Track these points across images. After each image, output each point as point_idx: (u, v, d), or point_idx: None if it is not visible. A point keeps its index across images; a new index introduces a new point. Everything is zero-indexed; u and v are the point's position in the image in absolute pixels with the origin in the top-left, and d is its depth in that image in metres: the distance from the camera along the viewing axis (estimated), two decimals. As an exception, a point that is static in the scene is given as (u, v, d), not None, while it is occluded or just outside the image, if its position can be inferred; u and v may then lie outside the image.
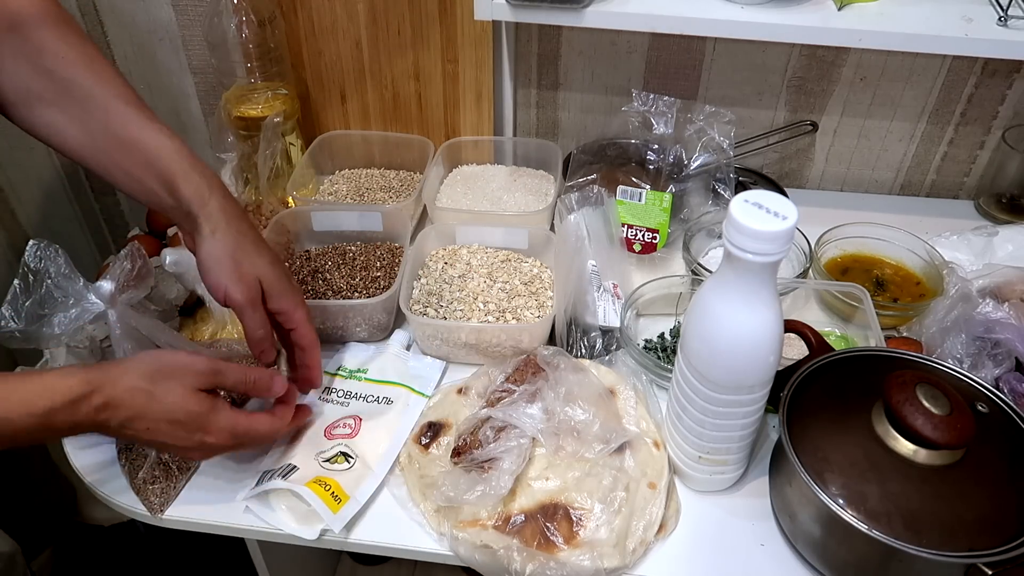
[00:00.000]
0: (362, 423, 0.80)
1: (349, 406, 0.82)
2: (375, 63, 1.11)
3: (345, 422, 0.80)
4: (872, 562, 0.64)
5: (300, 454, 0.76)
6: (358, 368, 0.87)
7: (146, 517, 0.75)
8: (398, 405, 0.83)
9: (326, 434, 0.79)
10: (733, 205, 0.58)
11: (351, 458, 0.76)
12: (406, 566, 1.41)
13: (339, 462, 0.76)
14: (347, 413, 0.81)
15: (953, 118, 1.11)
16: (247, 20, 1.02)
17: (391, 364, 0.87)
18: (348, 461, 0.76)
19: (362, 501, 0.74)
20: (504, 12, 0.92)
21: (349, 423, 0.80)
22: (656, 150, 1.03)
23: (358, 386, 0.85)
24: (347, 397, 0.83)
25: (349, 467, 0.75)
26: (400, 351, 0.89)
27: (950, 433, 0.63)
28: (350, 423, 0.80)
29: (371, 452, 0.78)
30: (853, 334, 0.91)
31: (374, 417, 0.81)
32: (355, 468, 0.75)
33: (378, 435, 0.79)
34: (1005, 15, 0.87)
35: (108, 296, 0.71)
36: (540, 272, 0.95)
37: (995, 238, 1.00)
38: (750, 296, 0.61)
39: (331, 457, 0.76)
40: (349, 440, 0.78)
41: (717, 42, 1.08)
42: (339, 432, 0.79)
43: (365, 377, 0.86)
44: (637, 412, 0.78)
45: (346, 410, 0.82)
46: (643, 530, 0.70)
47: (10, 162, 1.28)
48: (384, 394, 0.84)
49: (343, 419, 0.80)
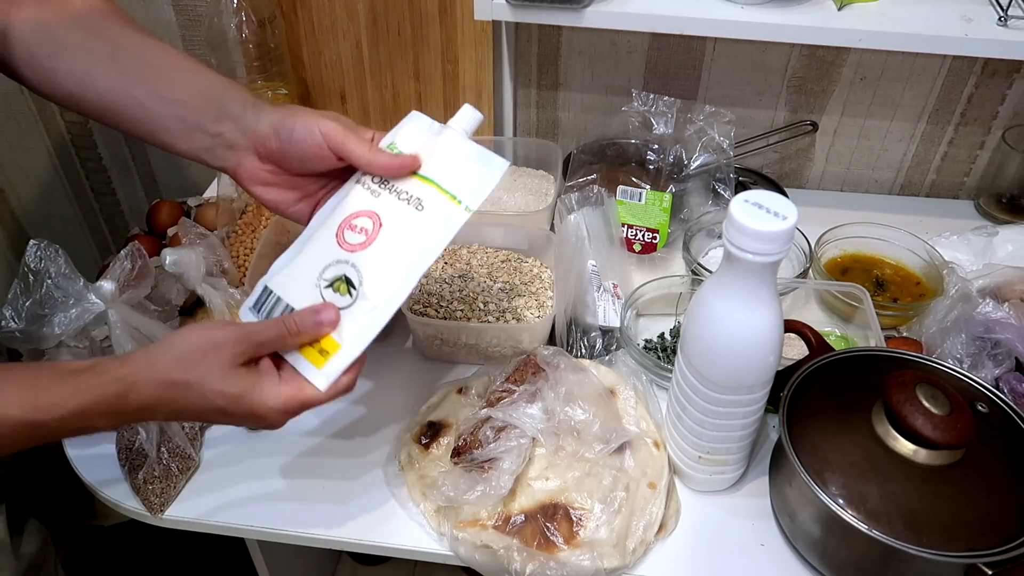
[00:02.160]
0: (381, 230, 0.64)
1: (379, 198, 0.65)
2: (375, 63, 1.11)
3: (363, 223, 0.64)
4: (872, 562, 0.64)
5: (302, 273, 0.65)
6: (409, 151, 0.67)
7: (146, 517, 0.75)
8: (429, 215, 0.64)
9: (338, 235, 0.65)
10: (733, 205, 0.58)
11: (353, 288, 0.63)
12: (406, 566, 1.41)
13: (339, 291, 0.63)
14: (371, 207, 0.65)
15: (953, 118, 1.11)
16: (247, 20, 1.02)
17: (447, 159, 0.66)
18: (350, 293, 0.63)
19: (355, 352, 0.62)
20: (504, 12, 0.92)
21: (366, 227, 0.64)
22: (656, 150, 1.03)
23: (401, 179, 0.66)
24: (381, 186, 0.66)
25: (351, 302, 0.63)
26: (460, 136, 0.66)
27: (950, 433, 0.63)
28: (367, 227, 0.64)
29: (381, 277, 0.63)
30: (853, 334, 0.91)
31: (397, 225, 0.64)
32: (356, 305, 0.63)
33: (395, 254, 0.64)
34: (1005, 15, 0.87)
35: (108, 296, 0.71)
36: (540, 272, 0.95)
37: (995, 238, 1.00)
38: (750, 296, 0.61)
39: (332, 281, 0.64)
40: (359, 253, 0.64)
41: (717, 42, 1.08)
42: (351, 237, 0.64)
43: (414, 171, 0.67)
44: (637, 412, 0.78)
45: (374, 201, 0.65)
46: (643, 530, 0.70)
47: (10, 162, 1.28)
48: (422, 196, 0.65)
49: (364, 213, 0.65)
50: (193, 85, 0.66)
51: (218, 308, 0.87)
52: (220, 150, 0.67)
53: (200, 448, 0.80)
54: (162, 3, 1.15)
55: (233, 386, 0.58)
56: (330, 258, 0.64)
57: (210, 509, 0.75)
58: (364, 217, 0.65)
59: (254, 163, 0.67)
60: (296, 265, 0.66)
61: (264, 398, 0.60)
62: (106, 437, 0.79)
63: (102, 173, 1.36)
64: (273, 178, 0.68)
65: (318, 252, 0.65)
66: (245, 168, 0.67)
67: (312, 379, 0.62)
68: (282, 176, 0.68)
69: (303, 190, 0.69)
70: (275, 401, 0.60)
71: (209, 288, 0.86)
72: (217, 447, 0.80)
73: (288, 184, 0.68)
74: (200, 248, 0.87)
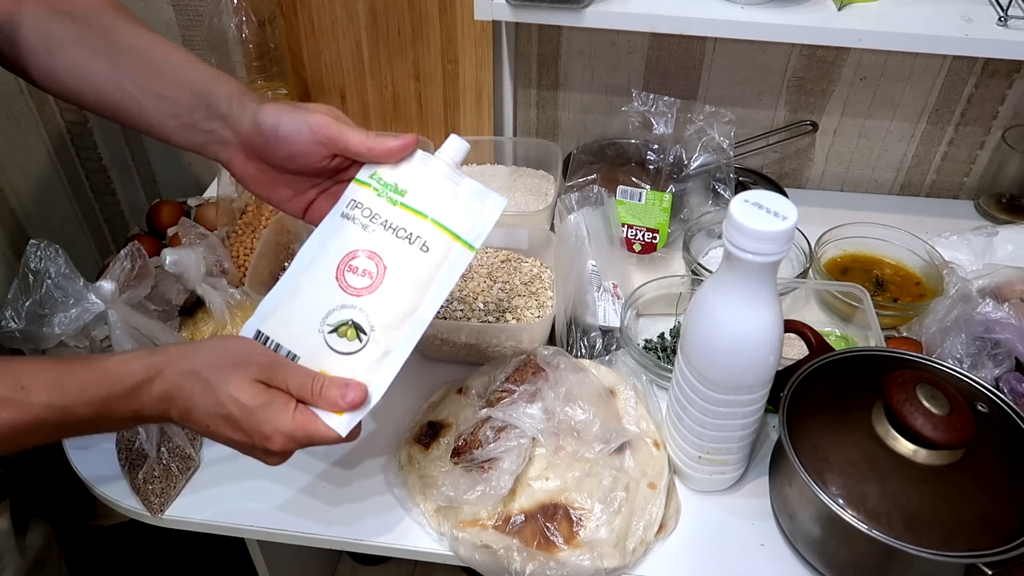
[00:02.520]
0: (387, 273, 0.61)
1: (373, 234, 0.62)
2: (375, 63, 1.11)
3: (365, 264, 0.61)
4: (872, 562, 0.64)
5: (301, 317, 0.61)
6: (395, 185, 0.63)
7: (146, 517, 0.75)
8: (436, 256, 0.62)
9: (339, 277, 0.61)
10: (733, 205, 0.58)
11: (363, 334, 0.60)
12: (406, 566, 1.41)
13: (347, 336, 0.60)
14: (368, 245, 0.62)
15: (953, 118, 1.11)
16: (247, 20, 1.02)
17: (437, 190, 0.63)
18: (359, 338, 0.60)
19: (374, 401, 0.60)
20: (504, 12, 0.92)
21: (369, 268, 0.61)
22: (656, 150, 1.03)
23: (390, 211, 0.63)
24: (372, 220, 0.62)
25: (360, 347, 0.60)
26: (452, 172, 0.64)
27: (950, 433, 0.63)
28: (370, 269, 0.61)
29: (392, 322, 0.61)
30: (853, 334, 0.91)
31: (403, 267, 0.61)
32: (367, 350, 0.60)
33: (404, 298, 0.61)
34: (1005, 15, 0.87)
35: (108, 296, 0.71)
36: (540, 272, 0.95)
37: (995, 238, 1.00)
38: (750, 296, 0.61)
39: (337, 326, 0.61)
40: (365, 298, 0.61)
41: (717, 42, 1.08)
42: (355, 280, 0.61)
43: (402, 202, 0.63)
44: (637, 412, 0.78)
45: (368, 238, 0.62)
46: (643, 530, 0.70)
47: (10, 162, 1.28)
48: (421, 233, 0.62)
49: (362, 253, 0.62)
50: (182, 81, 0.65)
51: (218, 308, 0.87)
52: (213, 146, 0.66)
53: (200, 448, 0.80)
54: (162, 3, 1.15)
55: (249, 398, 0.57)
56: (333, 303, 0.61)
57: (210, 509, 0.75)
58: (364, 258, 0.62)
59: (242, 159, 0.66)
60: (293, 309, 0.62)
61: (274, 418, 0.58)
62: (106, 437, 0.79)
63: (102, 173, 1.36)
64: (263, 176, 0.67)
65: (317, 295, 0.62)
66: (235, 165, 0.67)
67: (330, 423, 0.59)
68: (272, 173, 0.66)
69: (294, 188, 0.68)
70: (285, 425, 0.58)
71: (209, 288, 0.86)
72: (217, 447, 0.80)
73: (279, 181, 0.67)
74: (200, 248, 0.87)
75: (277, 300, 0.63)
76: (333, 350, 0.61)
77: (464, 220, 0.63)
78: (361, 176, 0.64)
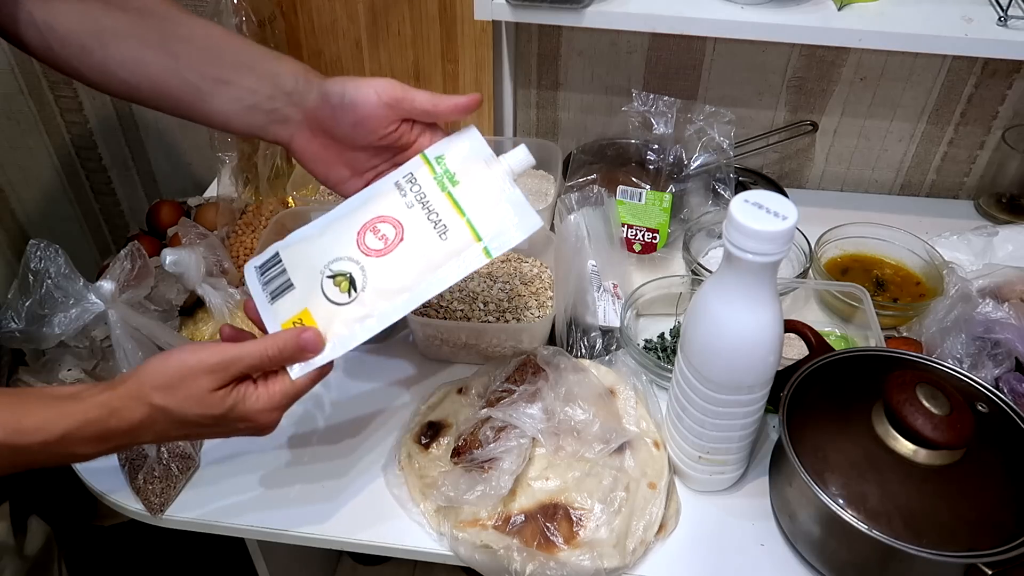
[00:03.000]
0: (400, 245, 0.63)
1: (411, 210, 0.64)
2: (375, 63, 1.10)
3: (387, 230, 0.64)
4: (872, 562, 0.64)
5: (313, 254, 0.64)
6: (453, 174, 0.65)
7: (146, 517, 0.75)
8: (452, 246, 0.63)
9: (360, 233, 0.64)
10: (733, 205, 0.58)
11: (354, 290, 0.62)
12: (406, 566, 1.41)
13: (340, 287, 0.63)
14: (399, 215, 0.64)
15: (953, 118, 1.11)
16: (247, 20, 1.02)
17: (486, 194, 0.64)
18: (349, 292, 0.62)
19: (336, 353, 0.62)
20: (504, 12, 0.92)
21: (388, 235, 0.63)
22: (656, 150, 1.03)
23: (437, 196, 0.64)
24: (417, 198, 0.64)
25: (347, 301, 0.62)
26: (507, 180, 0.65)
27: (950, 433, 0.63)
28: (388, 235, 0.63)
29: (384, 290, 0.63)
30: (853, 334, 0.91)
31: (417, 245, 0.63)
32: (350, 307, 0.62)
33: (406, 273, 0.63)
34: (1005, 15, 0.87)
35: (108, 296, 0.71)
36: (540, 272, 0.95)
37: (995, 238, 1.00)
38: (750, 296, 0.61)
39: (336, 275, 0.63)
40: (372, 259, 0.63)
41: (717, 42, 1.08)
42: (371, 241, 0.63)
43: (450, 191, 0.65)
44: (637, 412, 0.78)
45: (404, 212, 0.64)
46: (643, 530, 0.70)
47: (10, 162, 1.28)
48: (449, 224, 0.63)
49: (390, 220, 0.64)
50: (245, 64, 0.65)
51: (218, 308, 0.87)
52: (274, 126, 0.67)
53: (200, 448, 0.80)
54: (162, 3, 1.15)
55: (214, 408, 0.58)
56: (343, 252, 0.64)
57: (210, 509, 0.75)
58: (389, 224, 0.64)
59: (307, 136, 0.67)
60: (311, 243, 0.66)
61: (247, 408, 0.59)
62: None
63: (102, 173, 1.36)
64: (325, 153, 0.68)
65: (335, 241, 0.65)
66: (297, 142, 0.67)
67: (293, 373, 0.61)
68: (334, 150, 0.67)
69: (354, 167, 0.68)
70: (258, 404, 0.60)
71: (209, 288, 0.86)
72: (217, 447, 0.80)
73: (340, 159, 0.68)
74: (200, 248, 0.87)
75: (305, 233, 0.67)
76: (323, 293, 0.63)
77: (492, 226, 0.63)
78: (429, 153, 0.66)
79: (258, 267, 0.67)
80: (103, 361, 0.84)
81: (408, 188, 0.65)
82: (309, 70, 0.66)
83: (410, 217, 0.64)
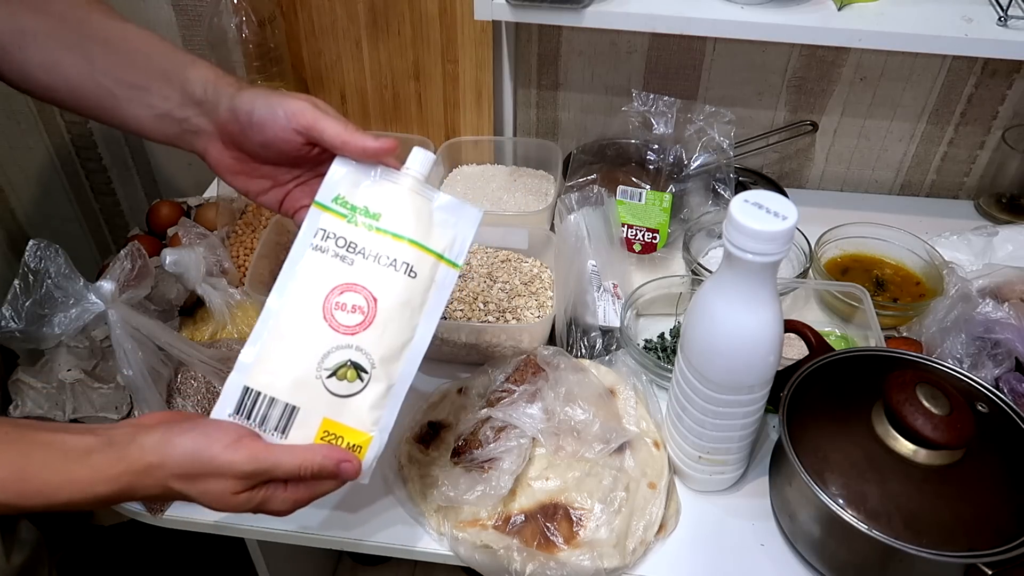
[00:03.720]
0: (378, 306, 0.58)
1: (354, 266, 0.58)
2: (375, 63, 1.11)
3: (353, 299, 0.58)
4: (872, 562, 0.64)
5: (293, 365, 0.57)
6: (366, 208, 0.59)
7: (146, 517, 0.75)
8: (424, 280, 0.60)
9: (326, 316, 0.58)
10: (733, 205, 0.58)
11: (364, 373, 0.58)
12: (406, 566, 1.41)
13: (347, 378, 0.57)
14: (352, 279, 0.58)
15: (953, 118, 1.11)
16: (247, 20, 1.02)
17: (412, 209, 0.60)
18: (361, 378, 0.58)
19: (385, 436, 0.59)
20: (504, 12, 0.92)
21: (359, 304, 0.58)
22: (656, 150, 1.03)
23: (367, 238, 0.59)
24: (349, 250, 0.59)
25: (362, 386, 0.58)
26: (423, 187, 0.61)
27: (950, 433, 0.63)
28: (360, 304, 0.58)
29: (391, 355, 0.58)
30: (853, 334, 0.91)
31: (394, 297, 0.58)
32: (369, 388, 0.58)
33: (400, 328, 0.59)
34: (1005, 15, 0.87)
35: (108, 296, 0.71)
36: (540, 272, 0.95)
37: (995, 238, 1.01)
38: (750, 296, 0.61)
39: (336, 369, 0.57)
40: (360, 335, 0.58)
41: (717, 42, 1.08)
42: (345, 318, 0.58)
43: (378, 227, 0.59)
44: (637, 412, 0.78)
45: (350, 271, 0.58)
46: (643, 530, 0.70)
47: (10, 162, 1.28)
48: (405, 258, 0.59)
49: (347, 287, 0.58)
50: (156, 69, 0.63)
51: (218, 308, 0.87)
52: (188, 136, 0.64)
53: (200, 448, 0.79)
54: (162, 3, 1.15)
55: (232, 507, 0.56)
56: (327, 345, 0.57)
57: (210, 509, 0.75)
58: (351, 293, 0.58)
59: (219, 148, 0.64)
60: (280, 357, 0.58)
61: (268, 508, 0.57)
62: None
63: (102, 173, 1.36)
64: (239, 166, 0.65)
65: (307, 339, 0.58)
66: (212, 154, 0.65)
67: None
68: (249, 164, 0.64)
69: (272, 179, 0.65)
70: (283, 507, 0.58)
71: (209, 288, 0.86)
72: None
73: (256, 172, 0.65)
74: (200, 248, 0.87)
75: (257, 351, 0.58)
76: (334, 394, 0.57)
77: (443, 237, 0.61)
78: (323, 200, 0.59)
79: (233, 413, 0.57)
80: (103, 361, 0.84)
81: (332, 246, 0.58)
82: (222, 77, 0.63)
83: (364, 274, 0.58)
